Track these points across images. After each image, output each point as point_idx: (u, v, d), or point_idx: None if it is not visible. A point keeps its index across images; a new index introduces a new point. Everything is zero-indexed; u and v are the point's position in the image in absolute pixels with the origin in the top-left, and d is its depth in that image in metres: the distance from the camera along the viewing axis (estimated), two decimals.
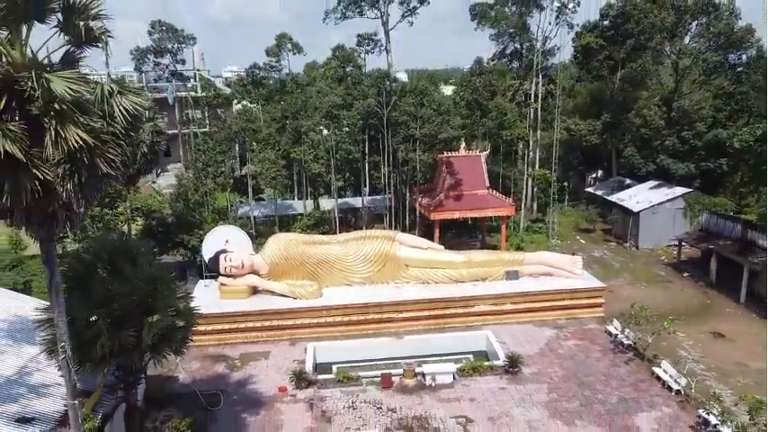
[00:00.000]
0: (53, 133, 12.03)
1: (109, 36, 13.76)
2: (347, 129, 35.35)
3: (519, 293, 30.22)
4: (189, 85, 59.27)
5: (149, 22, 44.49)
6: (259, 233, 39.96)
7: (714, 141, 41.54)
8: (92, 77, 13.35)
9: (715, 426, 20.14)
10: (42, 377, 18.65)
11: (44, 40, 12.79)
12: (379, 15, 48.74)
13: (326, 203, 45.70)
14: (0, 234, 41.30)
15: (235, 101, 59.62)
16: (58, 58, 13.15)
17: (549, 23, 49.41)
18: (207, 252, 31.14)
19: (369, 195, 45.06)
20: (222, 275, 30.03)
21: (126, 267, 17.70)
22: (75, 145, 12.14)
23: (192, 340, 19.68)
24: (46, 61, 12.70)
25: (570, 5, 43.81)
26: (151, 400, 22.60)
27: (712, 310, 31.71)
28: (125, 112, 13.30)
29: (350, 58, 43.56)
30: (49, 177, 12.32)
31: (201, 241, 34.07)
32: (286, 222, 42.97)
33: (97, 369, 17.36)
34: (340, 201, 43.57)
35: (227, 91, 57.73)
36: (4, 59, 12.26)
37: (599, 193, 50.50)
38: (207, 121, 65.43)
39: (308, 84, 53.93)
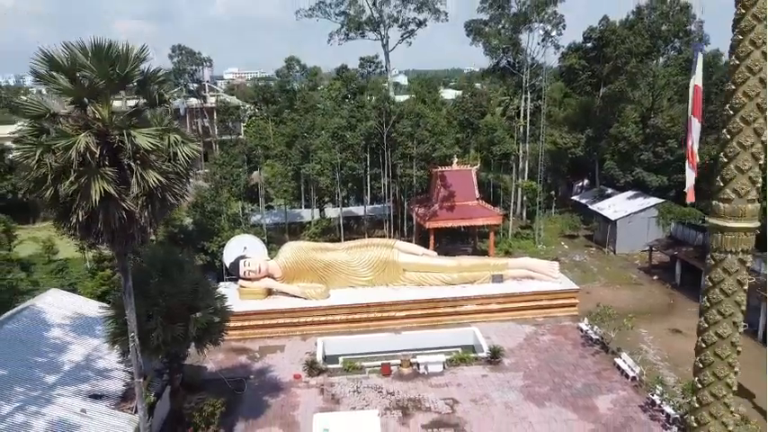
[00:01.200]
0: (138, 176, 16.13)
1: (172, 97, 17.91)
2: (351, 149, 39.36)
3: (503, 294, 34.32)
4: (206, 100, 63.33)
5: (171, 45, 48.76)
6: (271, 239, 44.01)
7: (685, 156, 45.56)
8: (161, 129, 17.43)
9: (659, 404, 24.26)
10: (104, 363, 22.78)
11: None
12: (380, 38, 53.00)
13: (331, 212, 49.83)
14: (28, 239, 45.49)
15: (244, 112, 63.80)
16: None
17: (538, 44, 53.65)
18: (228, 258, 35.24)
19: (370, 204, 49.13)
20: (242, 279, 34.13)
21: (175, 274, 21.81)
22: (153, 184, 16.26)
23: (227, 333, 23.78)
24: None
25: (553, 33, 47.84)
26: (186, 385, 26.64)
27: (674, 310, 35.81)
28: (186, 156, 17.41)
29: (353, 78, 47.61)
30: (132, 208, 16.42)
31: (220, 247, 38.18)
32: (295, 229, 47.09)
33: (152, 356, 21.47)
34: (344, 209, 47.70)
35: (236, 102, 61.87)
36: (98, 119, 16.38)
37: (583, 201, 54.61)
38: (216, 131, 69.64)
39: (312, 88, 57.79)
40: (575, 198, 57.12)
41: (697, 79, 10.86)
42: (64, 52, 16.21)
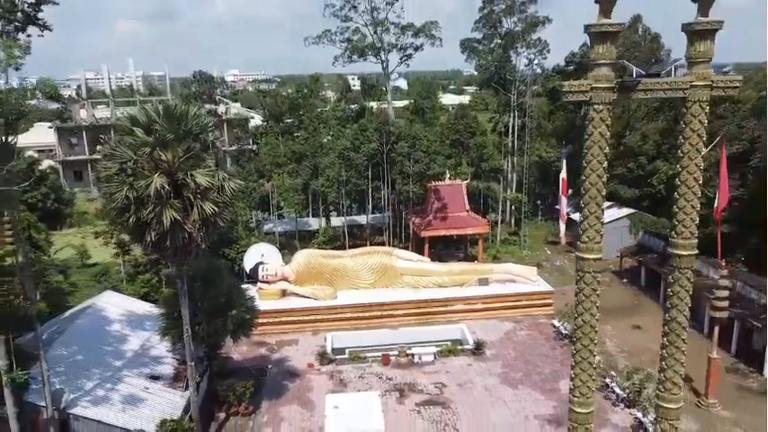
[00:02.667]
0: (198, 207, 21.29)
1: (216, 143, 23.05)
2: (355, 168, 44.49)
3: (487, 296, 39.47)
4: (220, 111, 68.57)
5: (192, 72, 54.24)
6: (282, 246, 49.07)
7: (654, 171, 50.80)
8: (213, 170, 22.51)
9: (611, 386, 29.41)
10: (156, 351, 27.94)
11: None
12: (380, 61, 58.17)
13: (336, 220, 54.97)
14: (62, 245, 50.49)
15: (252, 121, 69.10)
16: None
17: (525, 65, 58.87)
18: (248, 263, 40.34)
19: (372, 213, 54.23)
20: (260, 282, 39.26)
21: (215, 278, 26.95)
22: (209, 212, 21.43)
23: (255, 328, 28.92)
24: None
25: (536, 61, 53.08)
26: (218, 372, 31.75)
27: (637, 309, 40.94)
28: (231, 190, 22.56)
29: (356, 101, 52.81)
30: (191, 231, 21.57)
31: (238, 253, 43.21)
32: (304, 237, 52.22)
33: (198, 346, 26.58)
34: (348, 218, 52.83)
35: (245, 114, 66.99)
36: (165, 162, 21.50)
37: (567, 210, 59.64)
38: (226, 139, 74.78)
39: (311, 94, 62.78)
40: (558, 207, 62.15)
41: (563, 173, 16.09)
42: (141, 113, 21.47)
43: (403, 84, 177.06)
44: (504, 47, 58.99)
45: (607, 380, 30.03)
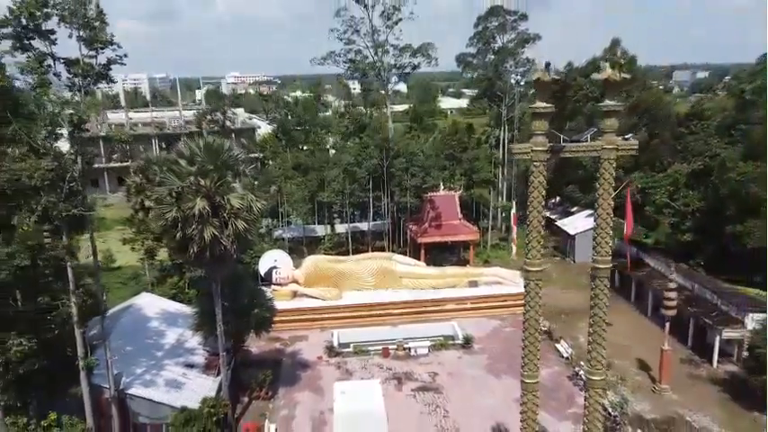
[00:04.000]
0: (232, 225, 25.98)
1: (245, 171, 27.75)
2: (358, 183, 49.28)
3: (476, 296, 44.18)
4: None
5: (203, 93, 58.69)
6: (291, 251, 53.74)
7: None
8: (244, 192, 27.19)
9: (580, 375, 34.16)
10: (189, 344, 32.61)
11: None
12: (380, 80, 62.94)
13: (340, 227, 59.70)
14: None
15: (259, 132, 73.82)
16: None
17: (515, 82, 63.71)
18: (262, 268, 45.02)
19: (373, 220, 58.95)
20: (274, 284, 43.96)
21: (240, 282, 31.65)
22: (241, 228, 26.14)
23: (274, 325, 33.64)
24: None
25: (523, 81, 57.88)
26: (240, 363, 36.39)
27: (610, 308, 45.51)
28: (258, 208, 27.25)
29: (358, 118, 57.64)
30: (226, 244, 26.25)
31: (252, 258, 47.80)
32: (310, 242, 56.93)
33: (226, 340, 31.26)
34: (351, 225, 57.55)
35: (252, 123, 71.51)
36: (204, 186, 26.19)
37: (552, 217, 64.48)
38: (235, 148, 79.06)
39: (314, 98, 67.32)
40: (546, 214, 67.01)
41: (514, 210, 20.71)
42: (185, 147, 26.19)
43: (403, 87, 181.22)
44: (495, 65, 63.86)
45: (576, 368, 34.76)
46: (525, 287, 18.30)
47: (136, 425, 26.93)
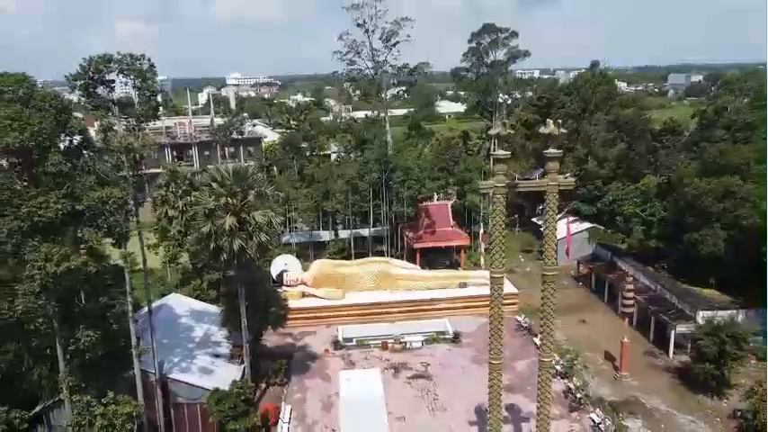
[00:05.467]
0: (256, 237, 31.20)
1: (267, 192, 33.00)
2: (360, 194, 54.55)
3: (466, 297, 49.33)
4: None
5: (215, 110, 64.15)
6: (298, 255, 58.93)
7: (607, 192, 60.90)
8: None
9: (554, 365, 39.29)
10: (215, 338, 37.80)
11: None
12: (380, 99, 68.21)
13: (342, 233, 64.89)
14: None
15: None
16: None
17: (506, 96, 69.03)
18: (274, 270, 50.19)
19: (373, 226, 64.18)
20: (284, 285, 49.15)
21: (258, 284, 36.82)
22: (263, 239, 31.36)
23: (287, 322, 38.85)
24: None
25: (512, 98, 63.20)
26: (258, 354, 41.54)
27: (586, 307, 50.83)
28: (276, 223, 32.47)
29: (359, 133, 62.92)
30: (251, 253, 31.47)
31: (264, 262, 52.95)
32: (315, 247, 62.11)
33: (248, 334, 36.45)
34: (353, 230, 62.75)
35: (258, 132, 76.77)
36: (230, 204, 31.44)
37: (539, 222, 69.66)
38: (242, 157, 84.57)
39: (316, 103, 72.60)
40: (533, 219, 72.23)
41: (482, 229, 25.86)
42: (217, 173, 31.42)
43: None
44: (486, 82, 69.23)
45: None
46: (490, 288, 23.45)
47: (175, 404, 32.13)
